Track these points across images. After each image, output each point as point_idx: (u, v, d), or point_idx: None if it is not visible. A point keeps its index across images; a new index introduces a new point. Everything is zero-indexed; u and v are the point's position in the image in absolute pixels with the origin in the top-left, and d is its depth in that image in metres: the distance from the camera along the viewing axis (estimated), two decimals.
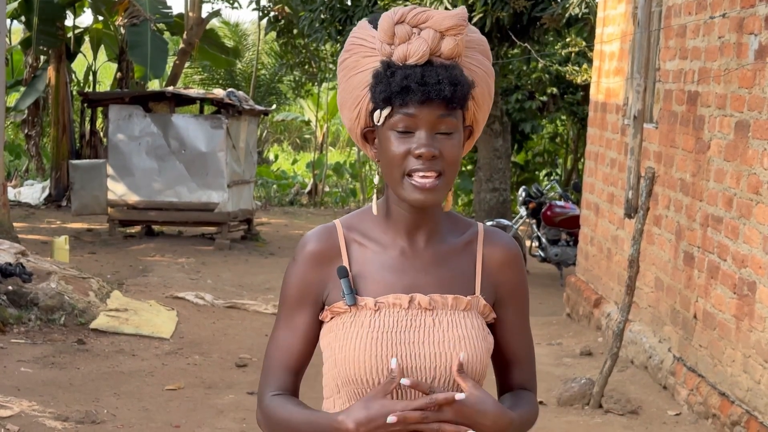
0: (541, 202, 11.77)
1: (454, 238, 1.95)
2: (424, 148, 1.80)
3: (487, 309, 1.94)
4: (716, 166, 5.96)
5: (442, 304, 1.88)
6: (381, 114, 1.83)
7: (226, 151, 12.69)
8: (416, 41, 1.80)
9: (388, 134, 1.83)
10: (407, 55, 1.80)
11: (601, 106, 8.89)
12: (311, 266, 1.92)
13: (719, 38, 6.01)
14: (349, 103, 1.90)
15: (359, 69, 1.87)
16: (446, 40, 1.81)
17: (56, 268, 8.51)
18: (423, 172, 1.81)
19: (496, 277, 1.95)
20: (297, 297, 1.93)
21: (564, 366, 7.33)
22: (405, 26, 1.81)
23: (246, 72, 22.44)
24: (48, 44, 15.92)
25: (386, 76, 1.81)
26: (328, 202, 19.57)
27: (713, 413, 5.77)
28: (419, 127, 1.81)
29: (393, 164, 1.83)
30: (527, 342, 2.02)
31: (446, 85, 1.79)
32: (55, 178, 16.55)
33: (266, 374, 1.96)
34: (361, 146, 1.94)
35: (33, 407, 5.68)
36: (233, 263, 11.67)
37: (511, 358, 2.00)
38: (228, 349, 7.46)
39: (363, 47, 1.87)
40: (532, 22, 12.52)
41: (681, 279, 6.49)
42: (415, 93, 1.79)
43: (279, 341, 1.95)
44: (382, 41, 1.82)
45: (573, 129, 18.28)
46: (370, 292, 1.88)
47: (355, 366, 1.84)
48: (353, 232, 1.93)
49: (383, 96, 1.81)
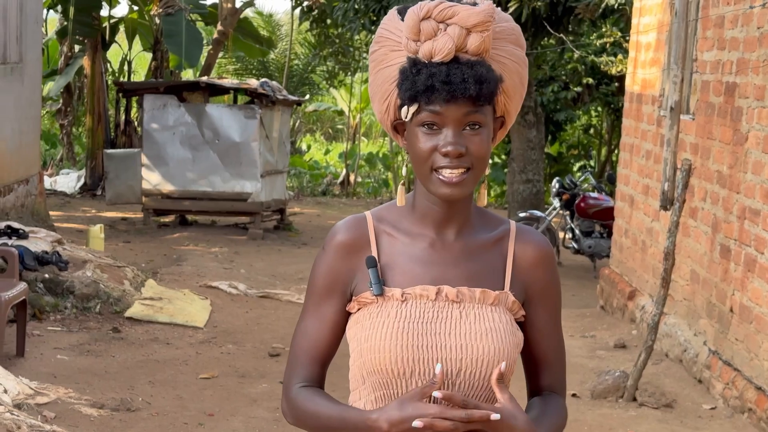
0: (574, 193, 11.71)
1: (484, 234, 1.93)
2: (450, 146, 1.79)
3: (516, 306, 1.92)
4: (754, 158, 5.90)
5: (470, 297, 1.87)
6: (408, 111, 1.83)
7: (260, 141, 12.72)
8: (442, 38, 1.78)
9: (416, 130, 1.83)
10: (433, 52, 1.78)
11: (636, 97, 8.82)
12: (340, 256, 1.92)
13: (758, 29, 5.94)
14: (379, 96, 1.89)
15: (387, 63, 1.86)
16: (472, 37, 1.79)
17: (92, 256, 8.58)
18: (450, 169, 1.81)
19: (527, 275, 1.93)
20: (325, 287, 1.93)
21: (598, 358, 7.30)
22: (431, 22, 1.79)
23: (279, 62, 22.48)
24: (84, 34, 16.03)
25: (411, 74, 1.80)
26: (360, 192, 19.58)
27: (749, 407, 5.72)
28: (446, 124, 1.80)
29: (420, 160, 1.83)
30: (557, 344, 1.99)
31: (471, 84, 1.77)
32: (90, 168, 16.68)
33: (293, 364, 1.95)
34: (393, 136, 1.94)
35: (69, 394, 5.74)
36: (266, 253, 11.71)
37: (541, 360, 1.98)
38: (261, 339, 7.49)
39: (391, 40, 1.86)
40: (568, 13, 12.44)
41: (717, 272, 6.43)
42: (439, 92, 1.78)
43: (306, 331, 1.94)
44: (408, 37, 1.81)
45: (607, 120, 18.16)
46: (398, 283, 1.88)
47: (381, 355, 1.83)
48: (383, 223, 1.93)
49: (409, 94, 1.80)
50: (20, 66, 10.19)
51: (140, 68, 23.01)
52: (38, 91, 11.30)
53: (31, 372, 6.08)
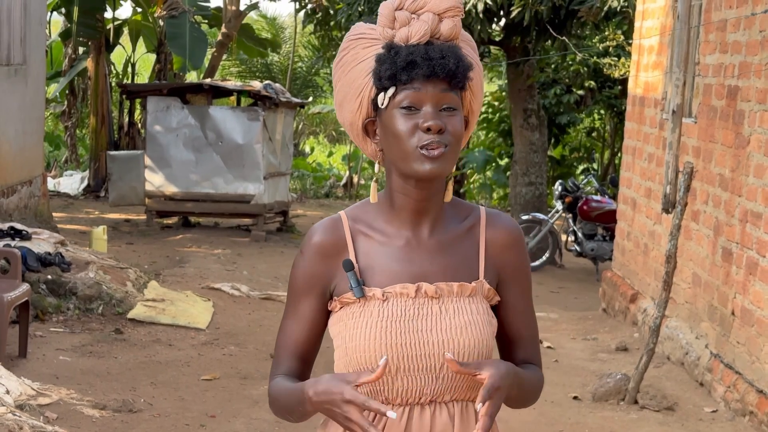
0: (577, 196, 11.72)
1: (456, 225, 1.98)
2: (431, 120, 1.84)
3: (491, 293, 1.98)
4: (756, 162, 5.90)
5: (448, 291, 1.93)
6: (386, 95, 1.87)
7: (263, 143, 12.74)
8: (416, 23, 1.87)
9: (393, 113, 1.87)
10: (409, 36, 1.87)
11: (639, 100, 8.83)
12: (318, 259, 1.96)
13: (760, 32, 5.95)
14: (350, 95, 1.94)
15: (359, 60, 1.92)
16: (444, 22, 1.88)
17: (94, 257, 8.60)
18: (434, 145, 1.85)
19: (499, 258, 1.99)
20: (303, 289, 1.98)
21: (599, 361, 7.30)
22: (404, 12, 1.88)
23: (283, 65, 22.50)
24: (87, 36, 16.06)
25: (390, 56, 1.86)
26: (363, 194, 19.59)
27: (750, 410, 5.72)
28: (424, 102, 1.86)
29: (401, 140, 1.87)
30: (530, 321, 2.05)
31: (451, 59, 1.84)
32: (93, 169, 16.70)
33: (275, 362, 2.03)
34: (361, 141, 1.98)
35: (71, 395, 5.75)
36: (269, 255, 11.72)
37: (515, 337, 2.04)
38: (263, 340, 7.50)
39: (362, 40, 1.93)
40: (571, 16, 12.46)
41: (719, 275, 6.43)
42: (420, 67, 1.84)
43: (286, 330, 2.01)
44: (384, 26, 1.89)
45: (610, 123, 18.16)
46: (378, 282, 1.93)
47: (366, 354, 1.89)
48: (359, 223, 1.97)
49: (389, 73, 1.85)
50: (24, 68, 10.21)
51: (144, 70, 23.04)
52: (42, 93, 11.33)
53: (34, 373, 6.09)
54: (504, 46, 13.91)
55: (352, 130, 1.98)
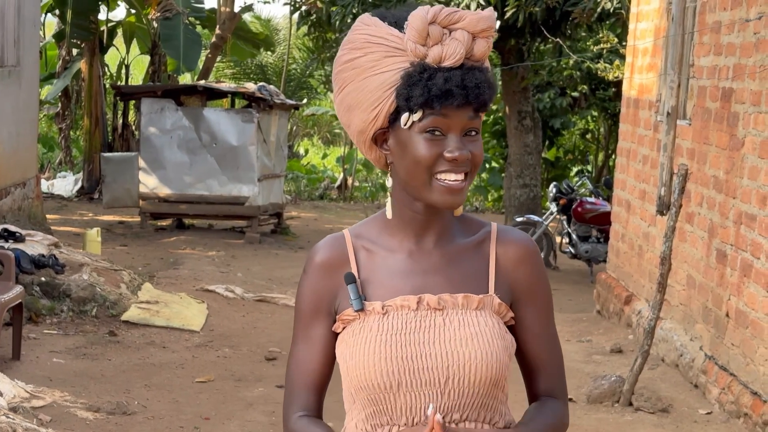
0: (571, 198, 11.72)
1: (464, 239, 1.90)
2: (458, 151, 1.77)
3: (503, 308, 1.87)
4: (750, 164, 5.91)
5: (452, 303, 1.84)
6: (410, 117, 1.77)
7: (257, 145, 12.73)
8: (452, 43, 1.75)
9: (416, 138, 1.78)
10: (443, 57, 1.75)
11: (633, 102, 8.84)
12: (321, 276, 1.90)
13: (755, 34, 5.96)
14: (366, 104, 1.81)
15: (381, 69, 1.79)
16: (478, 43, 1.77)
17: (88, 259, 8.58)
18: (455, 174, 1.78)
19: (512, 275, 1.88)
20: (311, 309, 1.91)
21: (594, 363, 7.30)
22: (437, 27, 1.76)
23: (277, 66, 22.49)
24: (81, 37, 16.03)
25: (423, 78, 1.75)
26: (357, 196, 19.59)
27: (745, 412, 5.72)
28: (451, 130, 1.78)
29: (420, 167, 1.78)
30: (550, 344, 1.92)
31: (485, 89, 1.77)
32: (87, 171, 16.67)
33: (289, 393, 1.93)
34: (366, 149, 1.88)
35: (65, 398, 5.74)
36: (263, 257, 11.71)
37: (534, 363, 1.92)
38: (258, 342, 7.49)
39: (383, 46, 1.79)
40: (565, 18, 12.47)
41: (713, 277, 6.44)
42: (456, 97, 1.75)
43: (298, 358, 1.92)
44: (415, 41, 1.76)
45: (604, 125, 18.18)
46: (379, 296, 1.85)
47: (366, 370, 1.81)
48: (361, 239, 1.90)
49: (422, 99, 1.75)
50: (18, 69, 10.19)
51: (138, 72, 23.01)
52: (35, 95, 11.30)
53: (27, 375, 6.07)
54: (498, 47, 13.92)
55: (359, 138, 1.87)
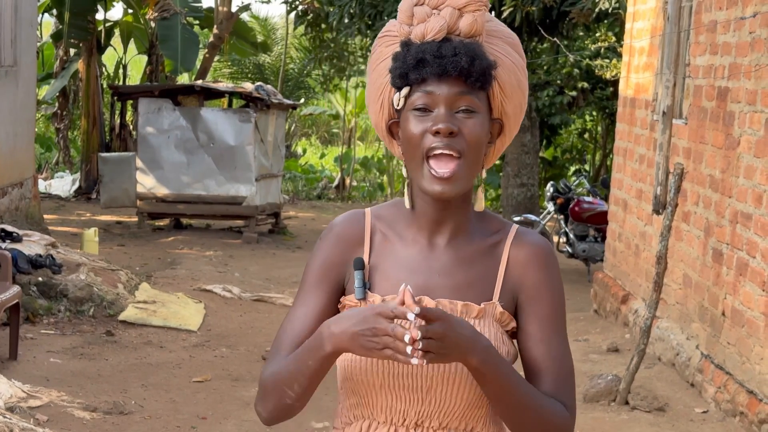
0: (569, 197, 11.73)
1: (480, 239, 1.86)
2: (441, 123, 1.74)
3: (505, 316, 1.83)
4: (746, 163, 5.92)
5: (451, 310, 1.80)
6: (400, 96, 1.78)
7: (254, 145, 12.73)
8: (434, 18, 1.76)
9: (408, 116, 1.78)
10: (425, 32, 1.76)
11: (630, 101, 8.84)
12: (336, 247, 1.89)
13: (750, 34, 5.96)
14: (373, 95, 1.86)
15: (381, 58, 1.84)
16: (465, 17, 1.76)
17: (86, 259, 8.58)
18: (441, 149, 1.74)
19: (519, 278, 1.84)
20: (319, 276, 1.89)
21: (591, 362, 7.31)
22: (424, 7, 1.77)
23: (274, 66, 22.49)
24: (79, 37, 16.03)
25: (403, 54, 1.77)
26: (355, 196, 19.59)
27: (741, 411, 5.73)
28: (437, 104, 1.75)
29: (412, 145, 1.77)
30: (554, 352, 1.83)
31: (463, 57, 1.72)
32: (85, 171, 16.67)
33: (276, 349, 1.88)
34: (388, 143, 1.89)
35: (62, 397, 5.74)
36: (260, 256, 11.72)
37: (534, 369, 1.83)
38: (255, 342, 7.50)
39: (386, 37, 1.85)
40: (562, 17, 12.48)
41: (709, 276, 6.44)
42: (430, 65, 1.73)
43: (295, 318, 1.88)
44: (402, 22, 1.79)
45: (602, 125, 18.20)
46: (382, 288, 1.84)
47: (352, 364, 1.80)
48: (380, 221, 1.89)
49: (399, 72, 1.76)
50: (15, 69, 10.19)
51: (135, 72, 23.01)
52: (33, 95, 11.30)
53: (24, 375, 6.08)
54: None
55: (378, 131, 1.89)
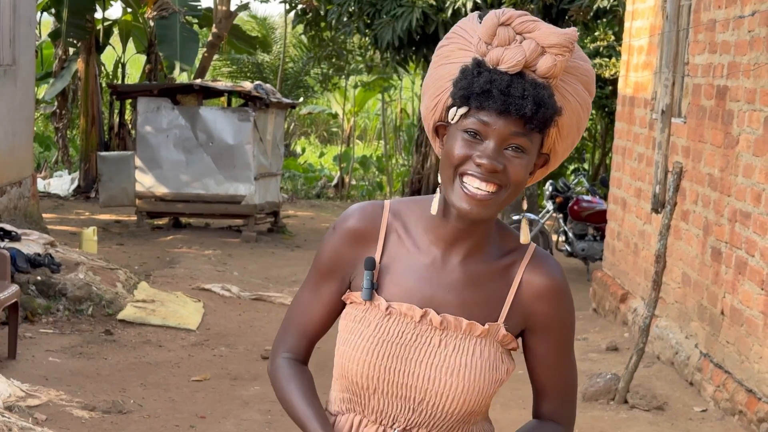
0: (568, 196, 11.72)
1: (495, 258, 1.84)
2: (486, 159, 1.71)
3: (508, 338, 1.84)
4: (745, 161, 5.92)
5: (455, 326, 1.81)
6: (457, 112, 1.74)
7: (254, 144, 12.73)
8: (514, 48, 1.70)
9: (457, 134, 1.74)
10: (501, 59, 1.70)
11: (629, 100, 8.84)
12: (348, 242, 1.87)
13: (749, 32, 5.96)
14: (431, 92, 1.81)
15: (451, 60, 1.78)
16: (545, 57, 1.70)
17: (84, 258, 8.58)
18: (479, 181, 1.72)
19: (530, 306, 1.85)
20: (327, 267, 1.90)
21: (590, 361, 7.31)
22: (509, 30, 1.71)
23: (273, 65, 22.49)
24: (77, 36, 16.02)
25: (472, 74, 1.71)
26: (354, 195, 19.59)
27: (740, 410, 5.73)
28: (490, 137, 1.71)
29: (450, 163, 1.74)
30: (561, 376, 1.90)
31: (529, 103, 1.68)
32: (84, 170, 16.66)
33: (283, 332, 1.97)
34: (432, 139, 1.86)
35: (60, 397, 5.74)
36: (259, 255, 11.71)
37: (540, 389, 1.92)
38: (254, 341, 7.50)
39: (463, 39, 1.78)
40: (561, 15, 12.47)
41: (708, 275, 6.44)
42: (495, 100, 1.69)
43: (302, 303, 1.94)
44: (481, 38, 1.72)
45: (601, 123, 18.20)
46: (389, 292, 1.84)
47: (350, 365, 1.83)
48: (398, 219, 1.86)
49: (462, 93, 1.71)
50: (13, 68, 10.18)
51: (134, 71, 23.01)
52: (31, 94, 11.30)
53: (23, 374, 6.07)
54: None
55: (424, 122, 1.85)
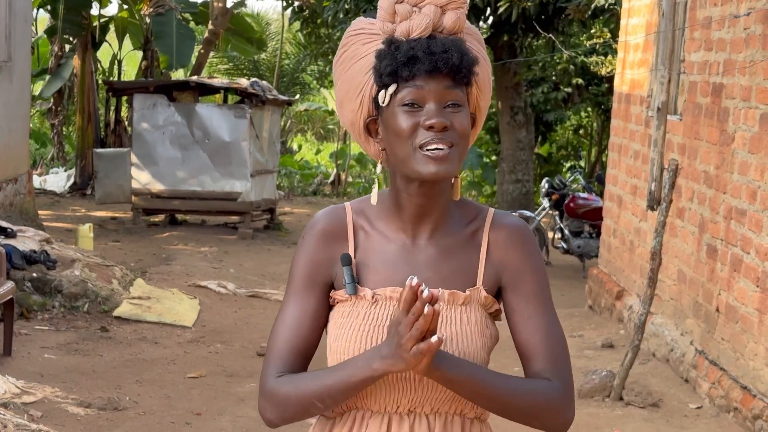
0: (564, 193, 11.73)
1: (460, 228, 1.90)
2: (435, 118, 1.76)
3: (488, 300, 1.88)
4: (740, 159, 5.92)
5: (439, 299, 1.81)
6: (387, 93, 1.79)
7: (250, 141, 12.72)
8: (418, 16, 1.78)
9: (395, 111, 1.79)
10: (410, 29, 1.78)
11: (625, 97, 8.85)
12: (321, 245, 1.89)
13: (745, 30, 5.97)
14: (351, 92, 1.85)
15: (359, 56, 1.84)
16: (448, 14, 1.79)
17: (80, 255, 8.57)
18: (436, 143, 1.77)
19: (500, 260, 1.88)
20: (307, 277, 1.89)
21: (585, 358, 7.31)
22: (404, 5, 1.79)
23: (270, 62, 22.47)
24: (73, 33, 16.00)
25: (391, 51, 1.78)
26: (351, 192, 19.59)
27: (735, 407, 5.74)
28: (427, 99, 1.77)
29: (402, 139, 1.79)
30: (542, 326, 1.87)
31: (454, 53, 1.76)
32: (80, 167, 16.65)
33: (271, 358, 1.87)
34: (363, 142, 1.90)
35: (56, 393, 5.73)
36: (256, 252, 11.71)
37: (525, 347, 1.87)
38: (250, 338, 7.50)
39: (362, 35, 1.85)
40: (558, 13, 12.48)
41: (704, 272, 6.45)
42: (422, 62, 1.75)
43: (286, 322, 1.88)
44: (384, 20, 1.80)
45: (597, 121, 18.21)
46: (370, 282, 1.86)
47: (346, 356, 1.82)
48: (361, 217, 1.91)
49: (389, 69, 1.77)
50: (9, 65, 10.17)
51: (130, 67, 22.97)
52: (27, 90, 11.28)
53: (18, 371, 6.07)
54: (490, 43, 13.92)
55: (353, 130, 1.89)
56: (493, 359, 1.92)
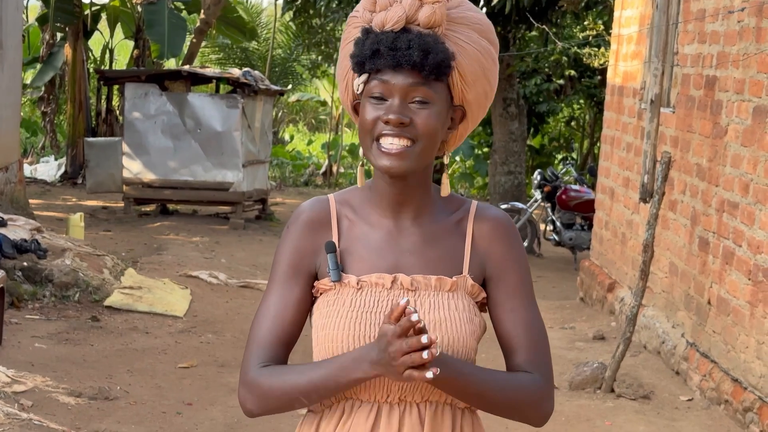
0: (556, 185, 11.74)
1: (445, 217, 1.91)
2: (392, 114, 1.79)
3: (475, 289, 1.89)
4: (733, 152, 5.93)
5: (425, 285, 1.85)
6: (358, 81, 1.84)
7: (242, 131, 12.69)
8: (394, 7, 1.80)
9: (365, 102, 1.83)
10: (385, 20, 1.79)
11: (618, 89, 8.84)
12: (305, 233, 1.91)
13: (738, 22, 5.96)
14: (340, 74, 1.91)
15: (348, 40, 1.87)
16: (424, 8, 1.80)
17: (71, 245, 8.54)
18: (391, 138, 1.80)
19: (485, 252, 1.90)
20: (291, 267, 1.90)
21: (576, 350, 7.32)
22: None
23: (262, 52, 22.41)
24: (65, 21, 15.93)
25: (362, 41, 1.81)
26: (342, 182, 19.57)
27: (726, 399, 5.75)
28: (393, 94, 1.80)
29: (364, 130, 1.83)
30: (524, 319, 1.88)
31: (415, 51, 1.77)
32: (71, 156, 16.60)
33: (252, 346, 1.87)
34: (355, 120, 1.94)
35: (46, 383, 5.72)
36: (247, 243, 11.69)
37: (507, 339, 1.89)
38: (241, 328, 7.48)
39: (354, 19, 1.88)
40: (551, 5, 12.46)
41: (696, 264, 6.46)
42: (384, 57, 1.78)
43: (269, 310, 1.88)
44: (365, 8, 1.83)
45: (590, 113, 18.20)
46: (356, 269, 1.87)
47: (335, 344, 1.82)
48: (345, 206, 1.93)
49: (356, 60, 1.81)
50: (0, 53, 10.12)
51: (122, 56, 22.89)
52: (18, 78, 11.23)
53: (9, 360, 6.05)
54: None
55: (347, 109, 1.95)
56: (484, 351, 1.91)
